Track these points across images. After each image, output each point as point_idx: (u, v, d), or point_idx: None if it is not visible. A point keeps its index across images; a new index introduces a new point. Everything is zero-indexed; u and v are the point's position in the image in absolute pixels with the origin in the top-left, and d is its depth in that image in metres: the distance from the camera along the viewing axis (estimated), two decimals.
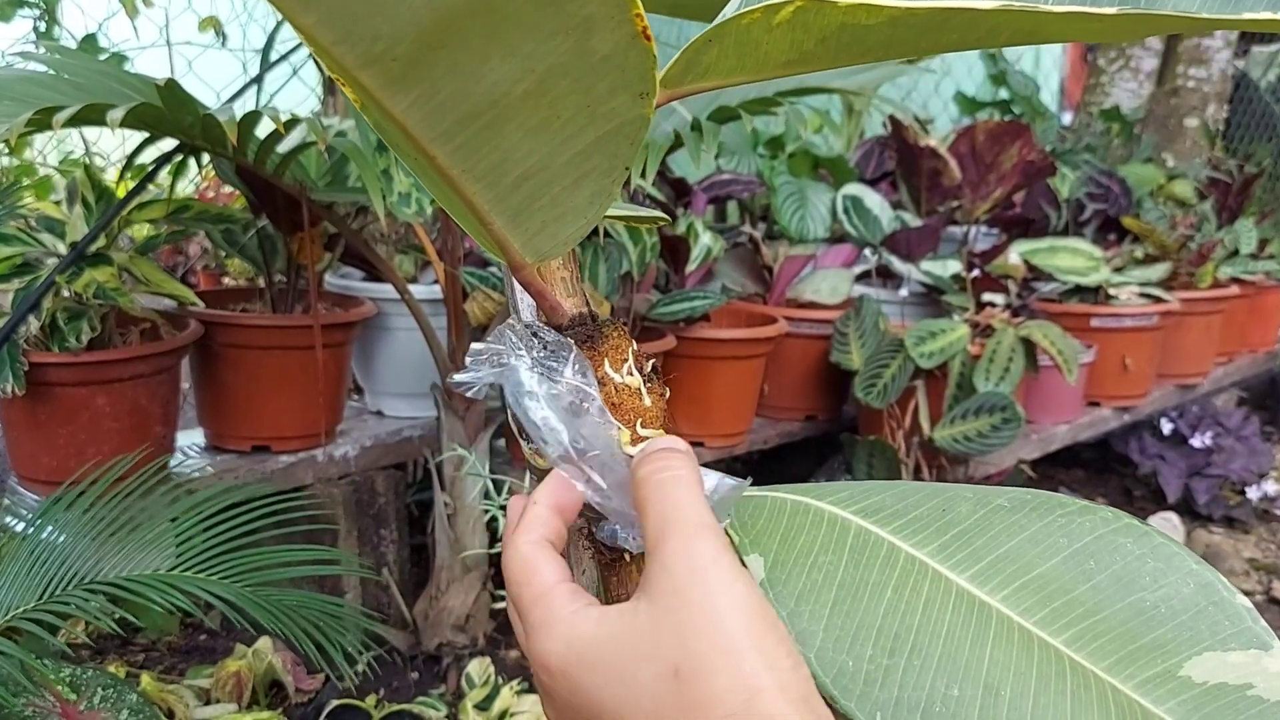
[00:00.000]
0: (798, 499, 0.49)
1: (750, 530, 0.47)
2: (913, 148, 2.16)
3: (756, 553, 0.46)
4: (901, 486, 0.51)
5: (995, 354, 1.65)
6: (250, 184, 1.48)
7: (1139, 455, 2.27)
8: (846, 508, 0.49)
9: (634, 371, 0.53)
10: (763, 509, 0.49)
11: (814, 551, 0.46)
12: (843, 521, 0.48)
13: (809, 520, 0.48)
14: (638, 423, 0.52)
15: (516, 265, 0.48)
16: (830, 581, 0.45)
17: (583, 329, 0.53)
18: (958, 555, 0.48)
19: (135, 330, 1.47)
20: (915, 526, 0.49)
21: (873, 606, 0.44)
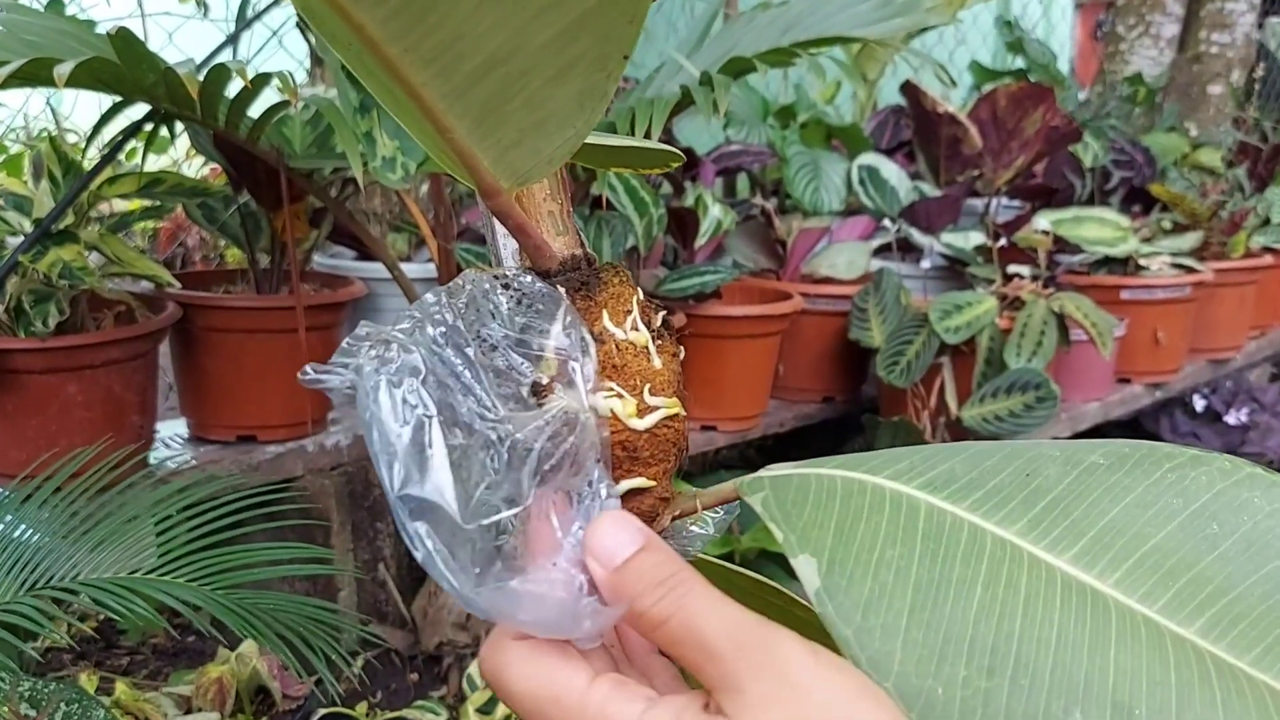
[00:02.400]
0: (850, 476, 0.40)
1: (795, 522, 0.37)
2: (930, 114, 2.06)
3: (807, 552, 0.36)
4: (972, 450, 0.41)
5: (1026, 328, 1.55)
6: (229, 156, 1.39)
7: (1171, 434, 2.17)
8: (910, 482, 0.40)
9: (639, 325, 0.43)
10: (807, 492, 0.39)
11: (879, 544, 0.37)
12: (909, 501, 0.39)
13: (867, 503, 0.38)
14: (645, 389, 0.42)
15: (488, 190, 0.38)
16: (903, 583, 0.35)
17: (575, 274, 0.43)
18: (1054, 531, 0.38)
19: (109, 314, 1.38)
20: (997, 499, 0.39)
21: (960, 612, 0.35)
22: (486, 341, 0.35)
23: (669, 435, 0.43)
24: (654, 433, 0.42)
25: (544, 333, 0.38)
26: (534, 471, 0.33)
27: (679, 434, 0.44)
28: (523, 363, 0.36)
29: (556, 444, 0.34)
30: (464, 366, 0.34)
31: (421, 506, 0.31)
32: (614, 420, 0.42)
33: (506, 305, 0.37)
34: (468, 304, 0.35)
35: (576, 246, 0.44)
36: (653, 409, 0.42)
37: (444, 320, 0.35)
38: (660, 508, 0.44)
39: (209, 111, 1.12)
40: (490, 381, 0.34)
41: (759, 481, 0.41)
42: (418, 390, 0.32)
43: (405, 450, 0.31)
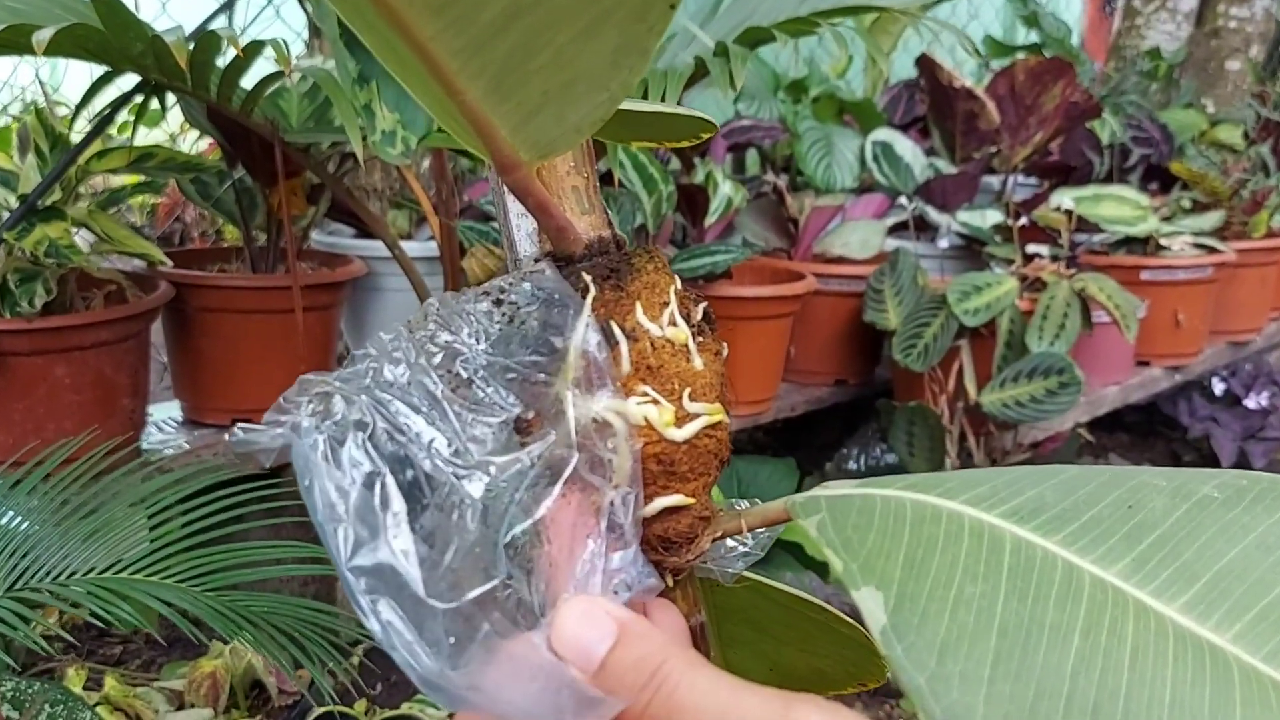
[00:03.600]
0: (921, 499, 0.35)
1: (858, 551, 0.32)
2: (946, 89, 1.99)
3: (872, 584, 0.31)
4: (1063, 475, 0.36)
5: (1049, 310, 1.49)
6: (223, 129, 1.33)
7: (1189, 418, 2.13)
8: (993, 510, 0.35)
9: (678, 319, 0.38)
10: (870, 517, 0.34)
11: (957, 579, 0.32)
12: (992, 531, 0.34)
13: (942, 531, 0.33)
14: (684, 394, 0.37)
15: (505, 164, 0.33)
16: (986, 625, 0.30)
17: (603, 259, 0.38)
18: (1162, 574, 0.33)
19: (99, 294, 1.33)
20: (1095, 534, 0.34)
21: (1056, 662, 0.30)
22: (460, 376, 0.30)
23: (710, 446, 0.38)
24: (694, 444, 0.37)
25: (545, 351, 0.33)
26: (509, 528, 0.28)
27: (721, 444, 0.38)
28: (507, 395, 0.31)
29: (539, 491, 0.29)
30: (429, 407, 0.29)
31: (378, 576, 0.26)
32: (648, 430, 0.36)
33: (497, 326, 0.32)
34: (437, 331, 0.30)
35: (604, 227, 0.39)
36: (693, 417, 0.37)
37: (405, 359, 0.30)
38: (699, 528, 0.39)
39: (200, 82, 1.07)
40: (463, 421, 0.29)
41: (814, 502, 0.36)
42: (364, 446, 0.27)
43: (354, 512, 0.26)
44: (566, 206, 0.38)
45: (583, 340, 0.36)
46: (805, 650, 0.54)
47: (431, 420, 0.29)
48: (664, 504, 0.37)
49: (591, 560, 0.30)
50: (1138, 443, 2.28)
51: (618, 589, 0.32)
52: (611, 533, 0.32)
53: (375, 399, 0.29)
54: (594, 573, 0.30)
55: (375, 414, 0.29)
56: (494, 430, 0.30)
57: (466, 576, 0.27)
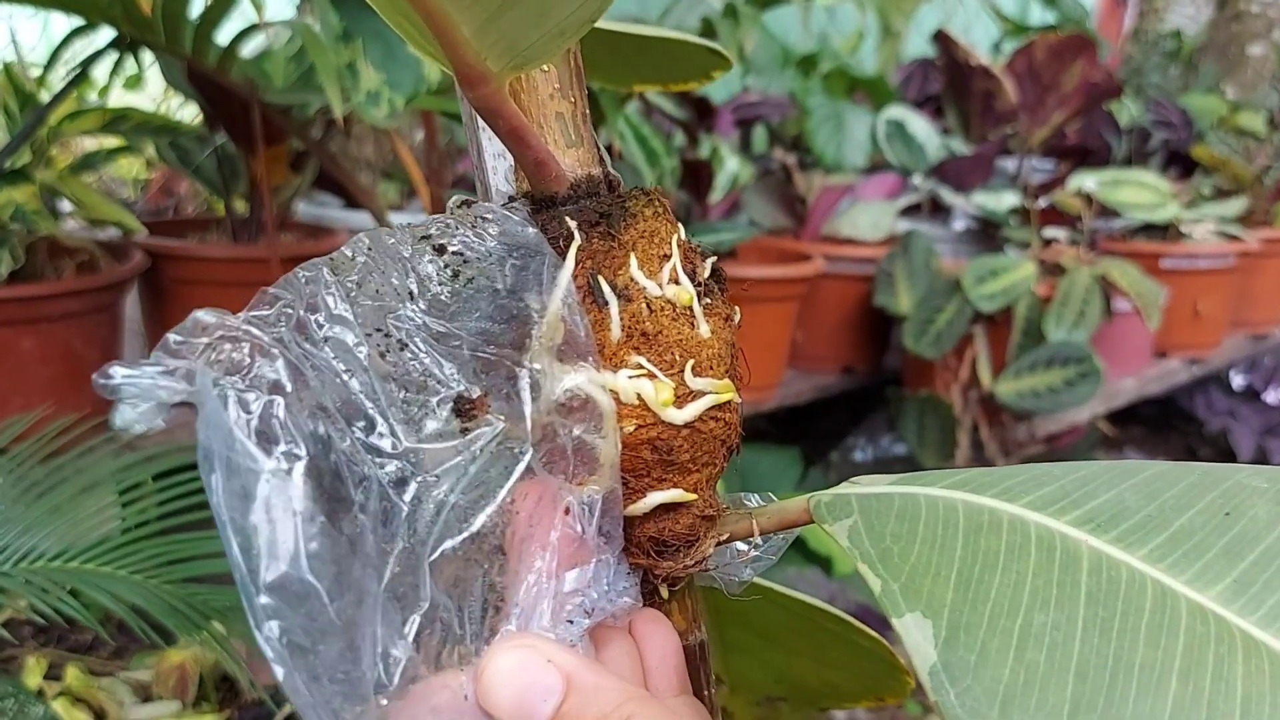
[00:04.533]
0: (974, 501, 0.28)
1: (899, 566, 0.26)
2: (963, 67, 1.92)
3: (917, 610, 0.25)
4: (1144, 474, 0.30)
5: (1068, 296, 1.43)
6: (204, 91, 1.26)
7: (1206, 412, 2.06)
8: (1063, 515, 0.28)
9: (681, 276, 0.31)
10: (914, 522, 0.27)
11: (1023, 605, 0.25)
12: (1065, 543, 0.27)
13: (1003, 543, 0.27)
14: (687, 366, 0.30)
15: (470, 76, 0.26)
16: (1062, 665, 0.24)
17: (592, 202, 0.31)
18: (1270, 599, 0.27)
19: (70, 263, 1.26)
20: (1187, 548, 0.27)
21: (1149, 713, 0.23)
22: (391, 337, 0.24)
23: (717, 431, 0.31)
24: (696, 428, 0.31)
25: (500, 318, 0.26)
26: (438, 540, 0.21)
27: (730, 428, 0.32)
28: (448, 368, 0.24)
29: (479, 495, 0.22)
30: (352, 377, 0.22)
31: (281, 594, 0.20)
32: (641, 410, 0.30)
33: (436, 279, 0.25)
34: (366, 277, 0.24)
35: (594, 164, 0.32)
36: (696, 395, 0.30)
37: (325, 305, 0.23)
38: (701, 529, 0.32)
39: (173, 36, 1.00)
40: (392, 397, 0.23)
41: (843, 502, 0.29)
42: (279, 415, 0.21)
43: (260, 508, 0.20)
44: (549, 136, 0.31)
45: (563, 299, 0.29)
46: (817, 661, 0.48)
47: (350, 391, 0.22)
48: (659, 500, 0.31)
49: (539, 581, 0.23)
50: (1151, 436, 2.22)
51: (573, 617, 0.25)
52: (574, 543, 0.25)
53: (292, 354, 0.22)
54: (542, 597, 0.23)
55: (292, 374, 0.22)
56: (430, 411, 0.23)
57: (386, 596, 0.21)
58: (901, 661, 0.45)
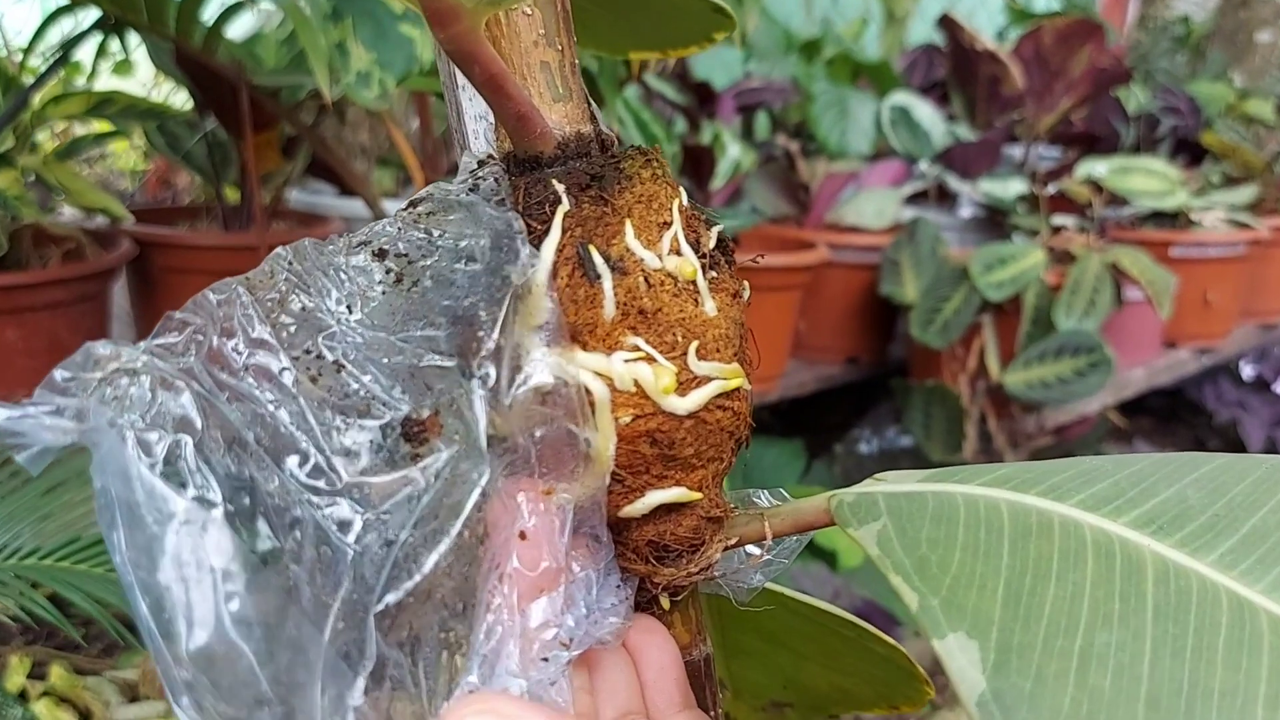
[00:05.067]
0: (1020, 501, 0.25)
1: (939, 578, 0.22)
2: (969, 53, 1.88)
3: (961, 629, 0.21)
4: (1206, 466, 0.26)
5: (1079, 284, 1.39)
6: (193, 74, 1.23)
7: (1215, 403, 2.02)
8: (1120, 516, 0.25)
9: (683, 247, 0.28)
10: (951, 525, 0.24)
11: (1082, 622, 0.22)
12: (1125, 549, 0.24)
13: (1055, 549, 0.23)
14: (691, 348, 0.27)
15: (440, 14, 0.23)
16: (1130, 692, 0.20)
17: (582, 163, 0.28)
18: None
19: (56, 251, 1.23)
20: (1261, 552, 0.24)
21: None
22: (323, 359, 0.21)
23: (724, 421, 0.28)
24: (701, 418, 0.27)
25: (452, 317, 0.23)
26: (386, 587, 0.18)
27: (739, 418, 0.28)
28: (393, 387, 0.21)
29: (432, 530, 0.19)
30: (279, 407, 0.19)
31: (201, 663, 0.17)
32: (638, 398, 0.27)
33: (378, 287, 0.22)
34: (290, 293, 0.21)
35: (585, 120, 0.29)
36: (701, 381, 0.27)
37: (243, 328, 0.20)
38: (706, 532, 0.29)
39: (156, 15, 0.96)
40: (327, 425, 0.20)
41: (868, 503, 0.26)
42: (187, 457, 0.18)
43: (170, 565, 0.17)
44: (532, 88, 0.28)
45: (548, 273, 0.26)
46: (829, 667, 0.45)
47: (279, 423, 0.19)
48: (659, 500, 0.27)
49: (500, 619, 0.20)
50: (1159, 427, 2.18)
51: (548, 653, 0.22)
52: (538, 567, 0.22)
53: (203, 386, 0.19)
54: (508, 637, 0.20)
55: (203, 409, 0.19)
56: (373, 437, 0.20)
57: (327, 664, 0.17)
58: (920, 670, 0.42)
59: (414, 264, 0.23)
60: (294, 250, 0.23)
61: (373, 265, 0.23)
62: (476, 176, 0.26)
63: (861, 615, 0.40)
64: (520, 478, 0.24)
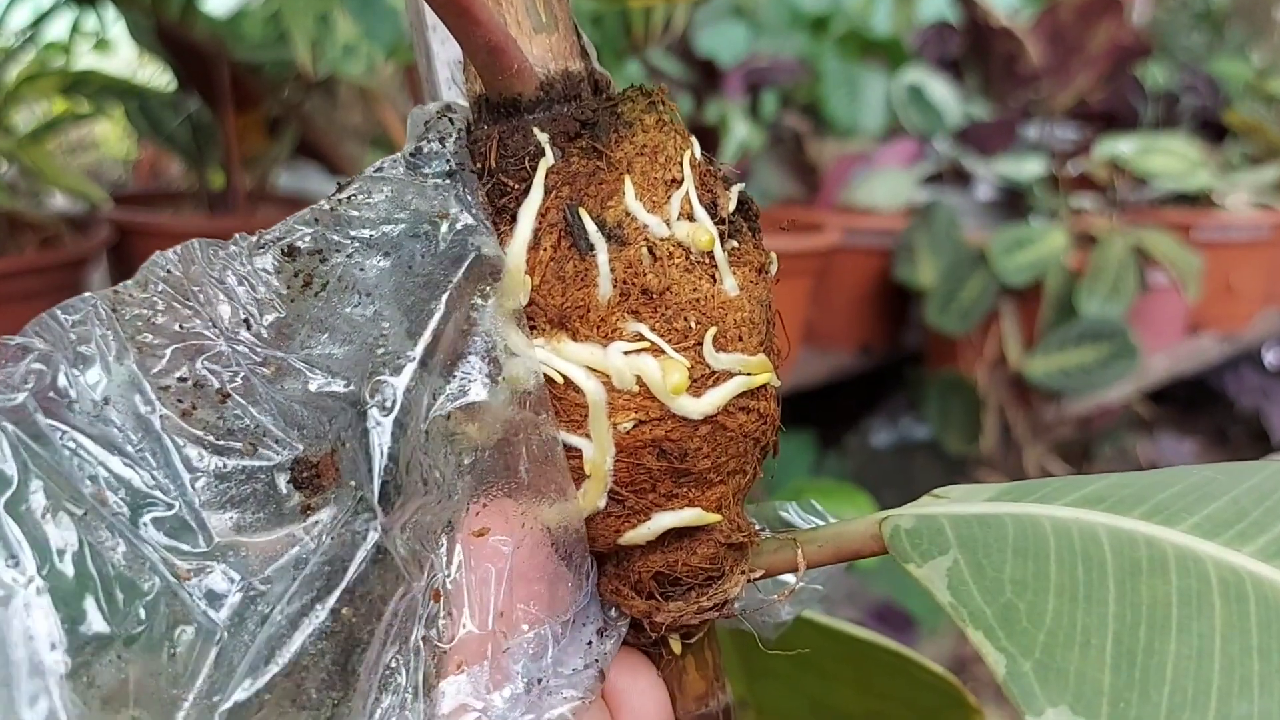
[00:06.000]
0: (1120, 526, 0.20)
1: (1030, 633, 0.17)
2: (983, 28, 1.82)
3: (1063, 703, 0.16)
4: None
5: (1102, 268, 1.34)
6: (175, 51, 1.18)
7: (1237, 390, 1.97)
8: (1246, 545, 0.20)
9: (696, 210, 0.22)
10: (1043, 563, 0.19)
11: (1214, 685, 0.17)
12: (1261, 588, 0.19)
13: (1174, 591, 0.18)
14: (708, 337, 0.21)
15: None
16: None
17: (569, 108, 0.22)
18: None
19: (34, 239, 1.18)
20: None
21: None
22: (202, 387, 0.16)
23: (748, 426, 0.22)
24: (720, 423, 0.22)
25: (367, 321, 0.18)
26: (243, 678, 0.14)
27: (766, 422, 0.23)
28: (287, 423, 0.16)
29: (305, 606, 0.15)
30: (138, 446, 0.15)
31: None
32: (643, 399, 0.21)
33: (282, 294, 0.18)
34: (168, 307, 0.17)
35: (574, 56, 0.23)
36: (720, 377, 0.22)
37: (100, 354, 0.16)
38: (726, 562, 0.23)
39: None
40: (203, 473, 0.15)
41: (932, 529, 0.21)
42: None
43: None
44: (508, 15, 0.22)
45: (527, 244, 0.21)
46: (862, 690, 0.40)
47: (138, 470, 0.15)
48: (668, 524, 0.22)
49: (396, 709, 0.15)
50: (1179, 415, 2.13)
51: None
52: (469, 626, 0.17)
53: (28, 431, 0.15)
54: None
55: (25, 458, 0.15)
56: (261, 485, 0.16)
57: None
58: (972, 699, 0.37)
59: (326, 262, 0.18)
60: (181, 254, 0.18)
61: (281, 267, 0.18)
62: (422, 137, 0.21)
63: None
64: (493, 500, 0.19)
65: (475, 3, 0.20)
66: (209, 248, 0.19)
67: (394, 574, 0.16)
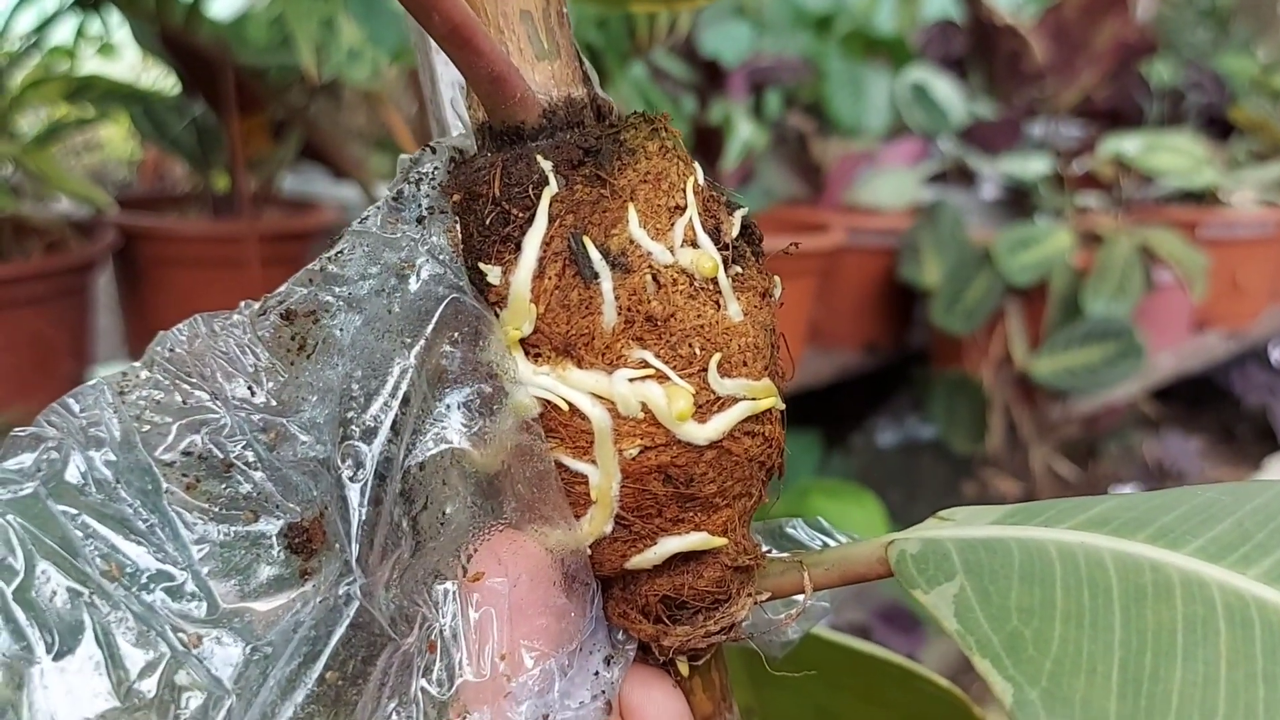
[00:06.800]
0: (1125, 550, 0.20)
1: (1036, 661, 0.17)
2: (988, 27, 1.82)
3: None
4: None
5: (1107, 267, 1.33)
6: (180, 56, 1.18)
7: (1244, 388, 1.96)
8: (1250, 568, 0.19)
9: (699, 237, 0.22)
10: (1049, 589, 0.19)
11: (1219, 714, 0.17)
12: (1266, 613, 0.18)
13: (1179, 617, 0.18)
14: (712, 363, 0.21)
15: None
16: None
17: (573, 135, 0.22)
18: None
19: (39, 243, 1.18)
20: None
21: None
22: (206, 459, 0.17)
23: (754, 450, 0.23)
24: (726, 448, 0.22)
25: (360, 379, 0.18)
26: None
27: (771, 445, 0.23)
28: (285, 489, 0.17)
29: (294, 674, 0.15)
30: (147, 520, 0.16)
31: None
32: (648, 425, 0.21)
33: (283, 359, 0.18)
34: (172, 385, 0.17)
35: (577, 83, 0.23)
36: (725, 402, 0.22)
37: (111, 437, 0.17)
38: (732, 585, 0.23)
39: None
40: (208, 542, 0.16)
41: (938, 554, 0.21)
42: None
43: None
44: (510, 43, 0.22)
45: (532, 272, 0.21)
46: (868, 699, 0.40)
47: (148, 544, 0.15)
48: (675, 548, 0.22)
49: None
50: (1185, 413, 2.12)
51: None
52: (467, 673, 0.18)
53: (40, 517, 0.15)
54: None
55: (31, 548, 0.15)
56: (262, 551, 0.16)
57: None
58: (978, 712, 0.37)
59: (319, 323, 0.19)
60: (186, 329, 0.19)
61: (280, 331, 0.18)
62: (403, 180, 0.21)
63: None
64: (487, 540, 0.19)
65: (477, 34, 0.20)
66: (212, 320, 0.19)
67: (379, 635, 0.16)
